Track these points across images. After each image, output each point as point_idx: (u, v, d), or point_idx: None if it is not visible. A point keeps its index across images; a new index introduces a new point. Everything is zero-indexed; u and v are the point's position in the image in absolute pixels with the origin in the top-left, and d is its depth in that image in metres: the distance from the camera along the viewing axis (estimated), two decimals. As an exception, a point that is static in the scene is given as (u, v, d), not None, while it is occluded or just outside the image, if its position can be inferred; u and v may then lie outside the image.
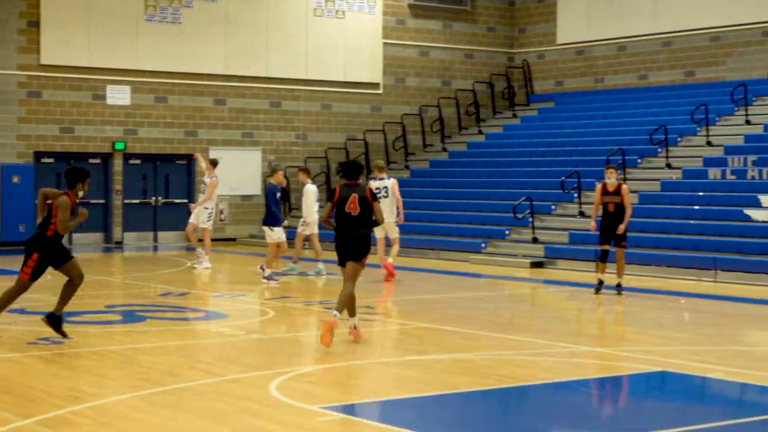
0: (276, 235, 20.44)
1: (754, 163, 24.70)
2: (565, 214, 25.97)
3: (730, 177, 24.75)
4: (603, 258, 18.35)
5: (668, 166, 26.53)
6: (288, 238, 21.95)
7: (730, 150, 25.99)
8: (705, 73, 31.50)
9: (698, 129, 27.86)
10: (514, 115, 35.06)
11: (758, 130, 26.99)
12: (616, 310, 17.20)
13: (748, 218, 22.75)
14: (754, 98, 28.73)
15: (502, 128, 34.30)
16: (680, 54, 32.08)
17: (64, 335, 12.88)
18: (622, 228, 18.11)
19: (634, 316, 16.51)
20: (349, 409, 9.46)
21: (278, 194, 20.67)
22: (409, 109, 34.59)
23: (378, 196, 20.42)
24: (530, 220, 25.53)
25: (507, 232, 26.23)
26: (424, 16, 35.01)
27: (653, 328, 15.07)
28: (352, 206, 13.29)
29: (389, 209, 20.59)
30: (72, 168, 13.08)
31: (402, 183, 30.41)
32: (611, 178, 18.38)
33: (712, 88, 30.32)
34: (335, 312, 12.73)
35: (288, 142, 32.83)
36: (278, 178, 20.85)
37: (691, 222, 23.23)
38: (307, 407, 9.49)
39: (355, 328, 13.25)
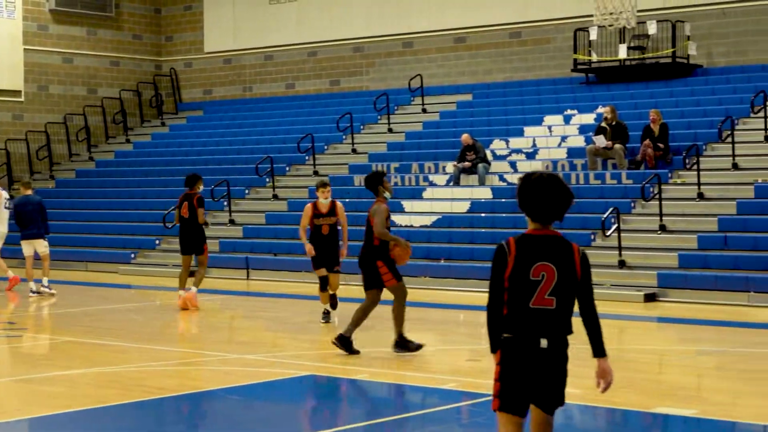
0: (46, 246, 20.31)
1: (396, 169, 25.55)
2: (216, 222, 25.91)
3: (374, 183, 25.44)
4: (323, 285, 16.03)
5: (315, 173, 27.01)
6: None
7: (375, 157, 26.81)
8: (349, 82, 32.36)
9: (344, 137, 28.59)
10: (163, 124, 34.75)
11: (400, 137, 27.98)
12: (267, 317, 17.35)
13: (393, 223, 23.39)
14: (395, 107, 29.77)
15: (150, 137, 33.92)
16: (325, 64, 32.81)
17: (354, 352, 12.75)
18: (344, 253, 16.29)
19: (284, 322, 16.71)
20: (-12, 431, 9.03)
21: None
22: (53, 118, 33.54)
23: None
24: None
25: (157, 242, 25.98)
26: (67, 22, 34.04)
27: (302, 333, 15.31)
28: (185, 211, 17.32)
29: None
30: (374, 173, 13.13)
31: (47, 194, 29.63)
32: (327, 198, 16.04)
33: (357, 97, 31.17)
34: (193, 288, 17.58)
35: None
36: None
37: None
38: (-58, 431, 9.00)
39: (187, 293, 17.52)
